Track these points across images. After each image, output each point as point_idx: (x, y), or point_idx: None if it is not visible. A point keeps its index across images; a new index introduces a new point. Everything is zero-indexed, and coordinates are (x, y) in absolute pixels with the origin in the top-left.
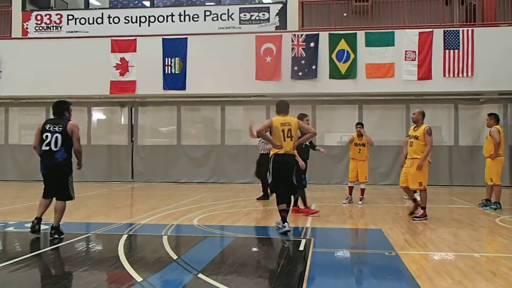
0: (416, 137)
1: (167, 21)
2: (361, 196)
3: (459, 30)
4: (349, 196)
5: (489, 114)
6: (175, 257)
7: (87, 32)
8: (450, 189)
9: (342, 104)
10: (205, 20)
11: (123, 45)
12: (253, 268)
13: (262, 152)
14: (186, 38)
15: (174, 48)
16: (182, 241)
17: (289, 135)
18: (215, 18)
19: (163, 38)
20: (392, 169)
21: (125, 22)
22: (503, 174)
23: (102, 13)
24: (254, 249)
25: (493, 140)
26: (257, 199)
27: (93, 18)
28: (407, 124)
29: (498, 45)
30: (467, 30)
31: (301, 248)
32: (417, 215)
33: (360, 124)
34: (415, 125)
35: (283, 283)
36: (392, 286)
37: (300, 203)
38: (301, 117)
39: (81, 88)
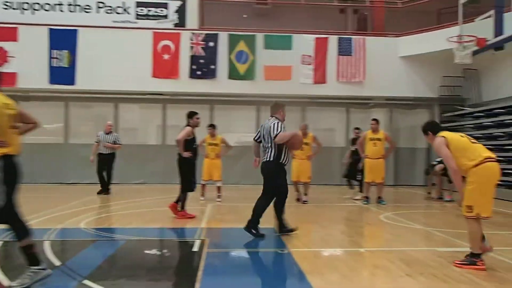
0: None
1: (54, 10)
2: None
3: (351, 38)
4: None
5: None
6: (58, 263)
7: None
8: (342, 188)
9: (241, 105)
10: (98, 12)
11: (1, 32)
12: (144, 271)
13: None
14: (76, 30)
15: (63, 40)
16: (67, 246)
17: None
18: (109, 11)
19: (49, 28)
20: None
21: (4, 8)
22: (388, 174)
23: None
24: (146, 251)
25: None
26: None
27: None
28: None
29: (386, 53)
30: (359, 38)
31: (195, 249)
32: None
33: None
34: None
35: (175, 284)
36: (284, 283)
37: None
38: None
39: None
